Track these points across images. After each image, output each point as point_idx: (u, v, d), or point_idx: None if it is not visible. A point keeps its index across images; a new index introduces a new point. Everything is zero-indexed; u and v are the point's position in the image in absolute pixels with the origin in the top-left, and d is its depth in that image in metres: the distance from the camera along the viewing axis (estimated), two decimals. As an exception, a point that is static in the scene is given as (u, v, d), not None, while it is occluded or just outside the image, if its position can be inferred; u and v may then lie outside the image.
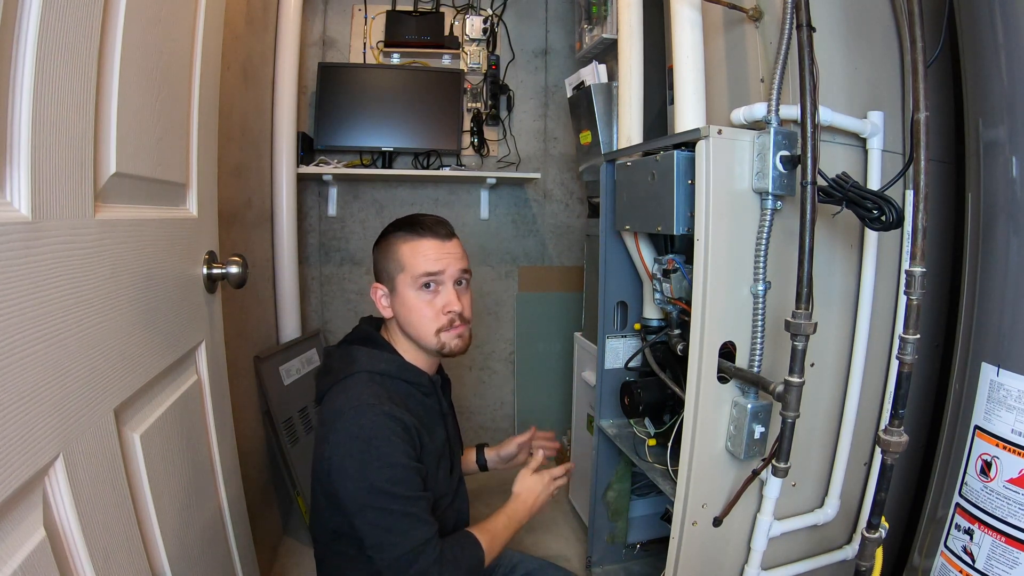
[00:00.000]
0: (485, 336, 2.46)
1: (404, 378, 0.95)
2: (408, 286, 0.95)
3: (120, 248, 0.64)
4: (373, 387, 0.89)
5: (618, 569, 1.59)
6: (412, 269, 0.95)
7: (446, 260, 0.97)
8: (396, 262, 0.97)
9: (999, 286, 0.85)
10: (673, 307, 1.21)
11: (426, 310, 0.96)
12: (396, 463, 0.84)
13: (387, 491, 0.83)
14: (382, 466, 0.83)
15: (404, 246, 0.97)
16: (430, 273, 0.96)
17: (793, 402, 0.89)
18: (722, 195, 0.96)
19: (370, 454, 0.83)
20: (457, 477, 1.04)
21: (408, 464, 0.85)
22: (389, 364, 0.94)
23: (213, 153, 0.99)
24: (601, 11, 1.78)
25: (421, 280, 0.95)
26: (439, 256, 0.97)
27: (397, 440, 0.84)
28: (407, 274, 0.96)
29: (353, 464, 0.83)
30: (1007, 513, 0.81)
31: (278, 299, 1.98)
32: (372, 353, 0.95)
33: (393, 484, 0.83)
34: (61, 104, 0.53)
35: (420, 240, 0.97)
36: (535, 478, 1.08)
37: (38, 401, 0.48)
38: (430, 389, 0.98)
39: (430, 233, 0.98)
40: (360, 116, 2.14)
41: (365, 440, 0.83)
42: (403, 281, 0.96)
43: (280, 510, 1.85)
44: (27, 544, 0.46)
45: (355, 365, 0.93)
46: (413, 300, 0.96)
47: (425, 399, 0.97)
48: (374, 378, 0.92)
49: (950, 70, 1.15)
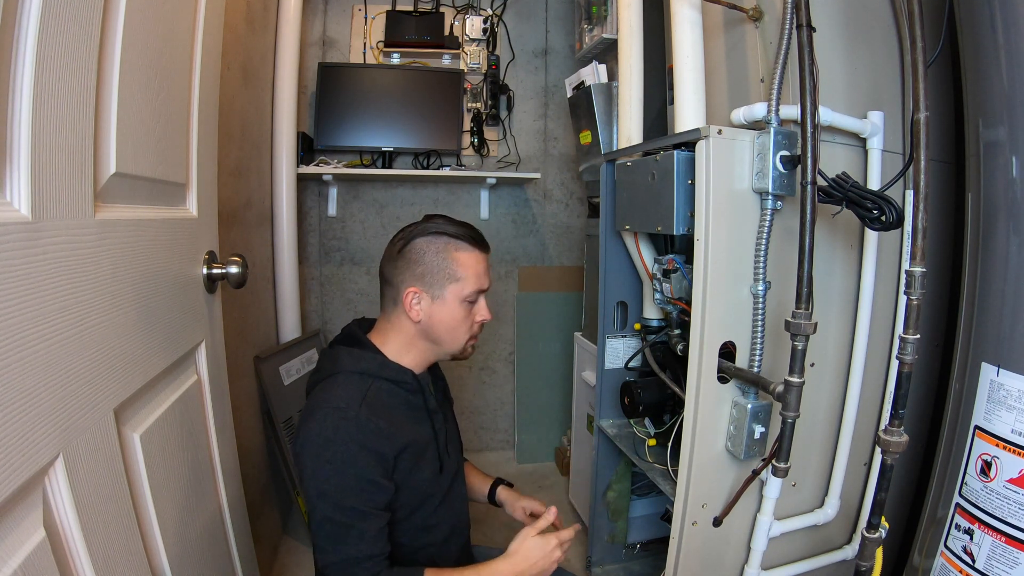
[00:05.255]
0: (485, 336, 2.46)
1: (386, 376, 0.93)
2: (457, 298, 0.94)
3: (120, 248, 0.64)
4: (350, 388, 0.88)
5: (618, 569, 1.59)
6: (469, 283, 0.94)
7: (490, 275, 0.99)
8: (449, 271, 0.94)
9: (999, 286, 0.85)
10: (673, 307, 1.21)
11: (467, 321, 0.97)
12: (348, 473, 0.82)
13: (333, 499, 0.82)
14: (333, 472, 0.82)
15: (464, 256, 0.95)
16: (484, 290, 0.97)
17: (793, 402, 0.88)
18: (722, 195, 0.96)
19: (324, 456, 0.82)
20: (449, 478, 1.02)
21: (363, 475, 0.83)
22: (370, 363, 0.93)
23: (213, 153, 0.99)
24: (601, 11, 1.78)
25: (475, 295, 0.96)
26: (487, 270, 0.98)
27: (356, 447, 0.83)
28: (461, 286, 0.94)
29: (310, 462, 0.83)
30: (1007, 513, 0.81)
31: (278, 299, 1.98)
32: (354, 353, 0.94)
33: (341, 493, 0.82)
34: (61, 104, 0.53)
35: (479, 253, 0.96)
36: (538, 541, 0.92)
37: (38, 401, 0.48)
38: (415, 386, 0.96)
39: (484, 248, 0.98)
40: (360, 116, 2.14)
41: (325, 440, 0.82)
42: (454, 291, 0.94)
43: (280, 510, 1.85)
44: (27, 544, 0.46)
45: (337, 365, 0.92)
46: (458, 311, 0.95)
47: (409, 396, 0.96)
48: (352, 378, 0.90)
49: (950, 70, 1.15)
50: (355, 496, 0.83)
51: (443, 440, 1.02)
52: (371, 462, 0.84)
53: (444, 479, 1.00)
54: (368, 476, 0.84)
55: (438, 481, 0.98)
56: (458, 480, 1.07)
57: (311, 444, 0.83)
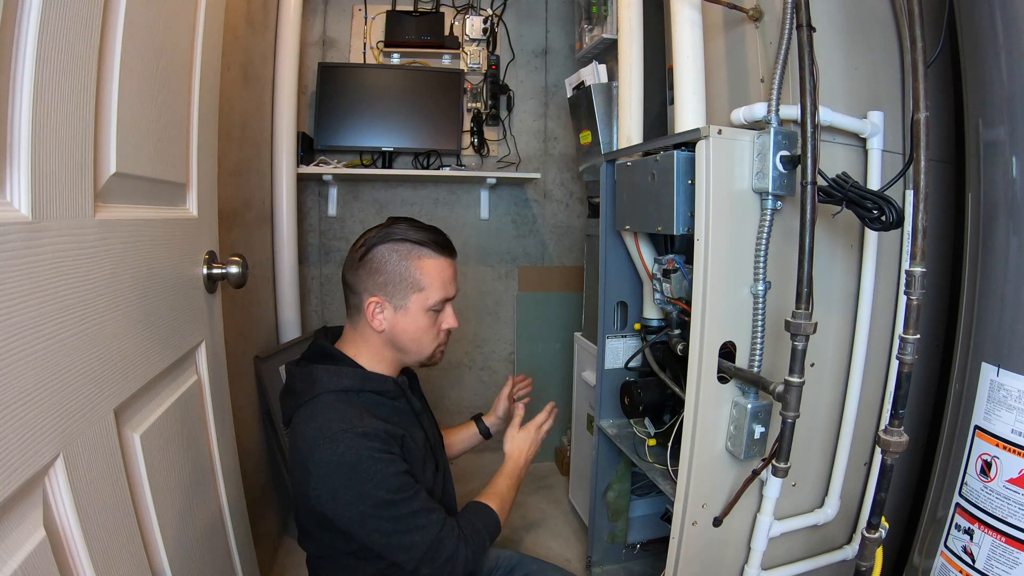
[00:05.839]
0: (485, 336, 2.46)
1: (369, 389, 0.92)
2: (422, 308, 0.92)
3: (120, 248, 0.64)
4: (341, 408, 0.86)
5: (618, 569, 1.59)
6: (434, 292, 0.92)
7: (457, 282, 0.97)
8: (412, 280, 0.91)
9: (999, 286, 0.85)
10: (673, 307, 1.21)
11: (432, 330, 0.95)
12: (387, 474, 0.83)
13: (390, 501, 0.83)
14: (377, 484, 0.81)
15: (428, 263, 0.92)
16: (450, 298, 0.95)
17: (793, 402, 0.88)
18: (722, 195, 0.96)
19: (360, 477, 0.81)
20: (442, 473, 1.03)
21: (397, 471, 0.84)
22: (352, 379, 0.91)
23: (213, 153, 0.99)
24: (601, 11, 1.78)
25: (440, 304, 0.94)
26: (453, 277, 0.96)
27: (379, 454, 0.83)
28: (425, 296, 0.92)
29: (346, 492, 0.81)
30: (1007, 513, 0.81)
31: (278, 299, 1.98)
32: (331, 370, 0.91)
33: (392, 493, 0.83)
34: (61, 104, 0.53)
35: (444, 259, 0.94)
36: (522, 434, 1.13)
37: (38, 401, 0.48)
38: (397, 392, 0.96)
39: (450, 253, 0.95)
40: (360, 116, 2.14)
41: (350, 466, 0.81)
42: (418, 301, 0.92)
43: (280, 510, 1.85)
44: (27, 544, 0.46)
45: (316, 386, 0.89)
46: (423, 320, 0.93)
47: (395, 403, 0.95)
48: (339, 396, 0.88)
49: (950, 70, 1.15)
50: (402, 489, 0.84)
51: (433, 438, 1.02)
52: (392, 458, 0.85)
53: (439, 476, 1.01)
54: (399, 469, 0.85)
55: (436, 478, 0.99)
56: (448, 474, 1.08)
57: (338, 474, 0.81)
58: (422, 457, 0.95)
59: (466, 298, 2.40)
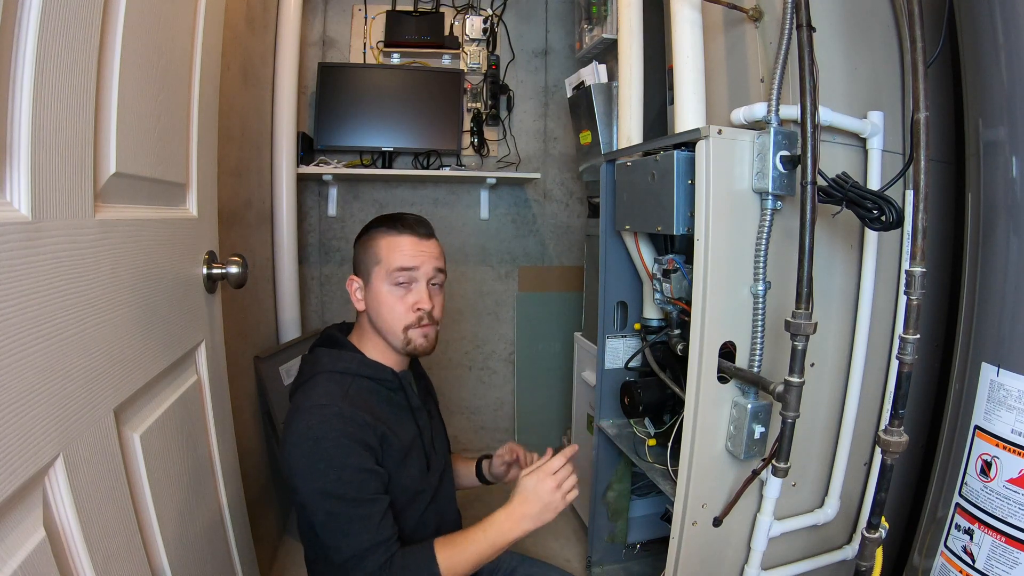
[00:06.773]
0: (485, 336, 2.46)
1: (365, 374, 0.95)
2: (382, 280, 0.96)
3: (120, 248, 0.64)
4: (330, 386, 0.90)
5: (618, 569, 1.59)
6: (388, 263, 0.96)
7: (422, 257, 0.97)
8: (373, 255, 0.97)
9: (999, 286, 0.85)
10: (673, 307, 1.21)
11: (397, 305, 0.96)
12: (344, 465, 0.83)
13: (334, 494, 0.83)
14: (328, 468, 0.82)
15: (383, 240, 0.98)
16: (405, 268, 0.96)
17: (793, 402, 0.89)
18: (722, 195, 0.96)
19: (317, 454, 0.82)
20: (437, 475, 1.02)
21: (358, 466, 0.84)
22: (349, 361, 0.95)
23: (213, 153, 0.99)
24: (601, 11, 1.78)
25: (396, 275, 0.96)
26: (415, 253, 0.97)
27: (346, 440, 0.84)
28: (382, 268, 0.96)
29: (303, 463, 0.83)
30: (1007, 513, 0.81)
31: (278, 299, 1.98)
32: (333, 353, 0.96)
33: (340, 486, 0.83)
34: (61, 104, 0.53)
35: (399, 236, 0.98)
36: (529, 479, 0.91)
37: (38, 401, 0.48)
38: (395, 384, 0.97)
39: (409, 230, 0.98)
40: (360, 116, 2.14)
41: (314, 440, 0.83)
42: (378, 274, 0.96)
43: (280, 510, 1.85)
44: (27, 544, 0.46)
45: (317, 366, 0.94)
46: (385, 295, 0.96)
47: (391, 394, 0.97)
48: (333, 377, 0.92)
49: (950, 70, 1.15)
50: (355, 487, 0.84)
51: (428, 437, 1.02)
52: (362, 452, 0.85)
53: (432, 477, 1.00)
54: (363, 465, 0.85)
55: (426, 479, 0.98)
56: (446, 477, 1.07)
57: (301, 445, 0.83)
58: (405, 455, 0.94)
59: (466, 298, 2.41)
